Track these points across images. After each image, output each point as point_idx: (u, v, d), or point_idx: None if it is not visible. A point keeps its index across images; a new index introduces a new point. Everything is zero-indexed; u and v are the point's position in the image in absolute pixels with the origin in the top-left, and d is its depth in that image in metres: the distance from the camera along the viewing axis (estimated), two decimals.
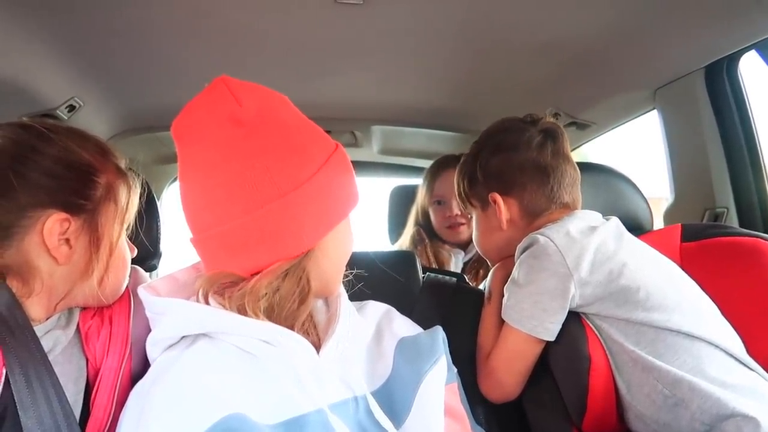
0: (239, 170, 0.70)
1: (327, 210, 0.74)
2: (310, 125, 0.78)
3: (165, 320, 0.74)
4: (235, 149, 0.71)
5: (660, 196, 1.79)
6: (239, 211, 0.70)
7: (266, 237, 0.71)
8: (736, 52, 1.32)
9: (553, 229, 1.04)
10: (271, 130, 0.72)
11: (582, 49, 1.46)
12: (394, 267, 1.27)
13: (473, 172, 1.19)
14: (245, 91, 0.74)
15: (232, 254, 0.72)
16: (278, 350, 0.72)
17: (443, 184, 1.79)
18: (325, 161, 0.74)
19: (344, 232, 0.79)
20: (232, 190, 0.70)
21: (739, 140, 1.42)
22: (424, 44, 1.48)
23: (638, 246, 1.10)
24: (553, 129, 1.16)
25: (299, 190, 0.71)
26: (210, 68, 1.60)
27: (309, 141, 0.75)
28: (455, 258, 1.77)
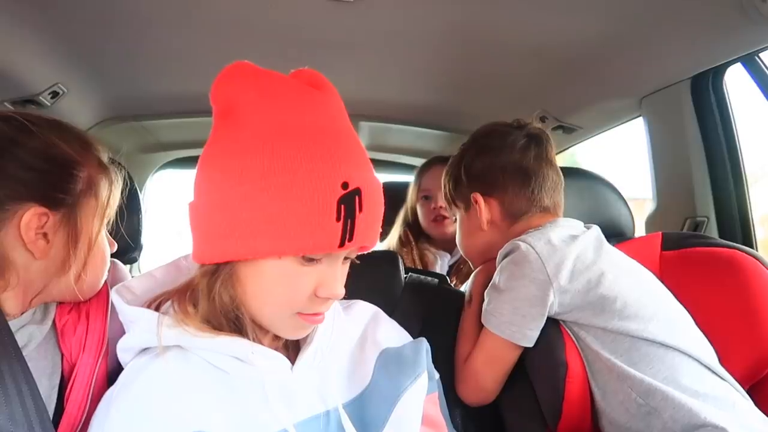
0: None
1: (256, 232, 0.65)
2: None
3: (135, 329, 0.73)
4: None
5: (646, 197, 1.81)
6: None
7: (202, 226, 0.70)
8: (722, 64, 1.33)
9: (534, 236, 1.05)
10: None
11: (571, 54, 1.47)
12: (377, 267, 1.27)
13: (458, 174, 1.20)
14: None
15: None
16: (250, 367, 0.72)
17: (430, 179, 1.81)
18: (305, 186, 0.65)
19: (277, 278, 0.69)
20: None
21: (721, 151, 1.44)
22: (414, 44, 1.47)
23: (617, 256, 1.11)
24: (537, 134, 1.17)
25: (256, 190, 0.65)
26: (198, 59, 1.60)
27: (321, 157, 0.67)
28: (441, 261, 1.79)
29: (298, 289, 0.69)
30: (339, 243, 0.65)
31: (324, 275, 0.70)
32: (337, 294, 0.71)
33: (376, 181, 0.71)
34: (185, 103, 1.82)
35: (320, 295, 0.70)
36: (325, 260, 0.69)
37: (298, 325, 0.73)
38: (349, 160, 0.67)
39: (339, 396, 0.77)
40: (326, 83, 0.74)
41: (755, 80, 1.29)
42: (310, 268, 0.68)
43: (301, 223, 0.63)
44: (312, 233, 0.64)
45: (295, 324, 0.73)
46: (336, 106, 0.73)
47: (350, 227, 0.65)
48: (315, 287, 0.70)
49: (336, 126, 0.70)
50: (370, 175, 0.70)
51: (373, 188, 0.69)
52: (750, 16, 1.08)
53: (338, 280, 0.71)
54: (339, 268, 0.71)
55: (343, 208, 0.64)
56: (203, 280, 0.71)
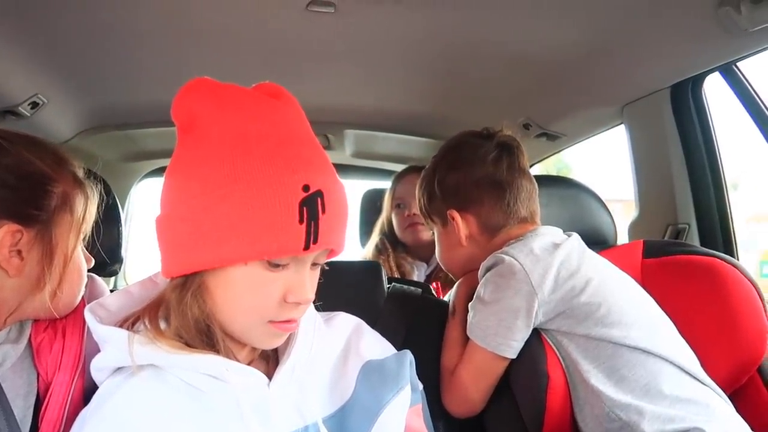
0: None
1: (221, 239, 0.66)
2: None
3: (108, 348, 0.73)
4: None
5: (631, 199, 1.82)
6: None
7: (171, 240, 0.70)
8: (700, 73, 1.35)
9: (516, 248, 1.05)
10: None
11: (554, 62, 1.48)
12: (359, 277, 1.27)
13: (432, 189, 1.19)
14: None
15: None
16: (226, 385, 0.71)
17: (403, 187, 1.83)
18: (276, 193, 0.66)
19: (246, 285, 0.69)
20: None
21: (701, 159, 1.45)
22: (396, 52, 1.47)
23: (599, 262, 1.12)
24: (508, 143, 1.17)
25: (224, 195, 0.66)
26: (180, 68, 1.59)
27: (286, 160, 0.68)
28: (417, 271, 1.79)
29: (267, 295, 0.70)
30: (304, 245, 0.66)
31: (292, 280, 0.70)
32: (307, 298, 0.71)
33: (338, 184, 0.72)
34: (169, 112, 1.80)
35: (290, 301, 0.70)
36: (293, 265, 0.70)
37: (271, 333, 0.73)
38: (310, 165, 0.68)
39: (319, 410, 0.77)
40: (285, 93, 0.75)
41: (733, 89, 1.30)
42: (277, 273, 0.69)
43: (264, 227, 0.65)
44: (276, 237, 0.65)
45: (267, 332, 0.73)
46: (295, 114, 0.74)
47: (314, 229, 0.66)
48: (284, 293, 0.70)
49: (295, 133, 0.71)
50: (332, 178, 0.71)
51: (336, 191, 0.70)
52: (726, 27, 1.09)
53: (307, 284, 0.71)
54: (307, 272, 0.72)
55: (306, 210, 0.65)
56: (173, 294, 0.71)
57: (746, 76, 1.28)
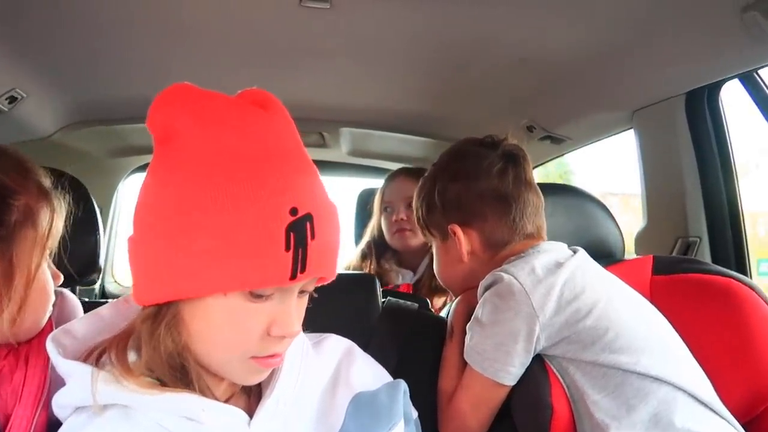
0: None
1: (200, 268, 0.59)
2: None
3: (70, 383, 0.66)
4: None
5: (632, 193, 1.76)
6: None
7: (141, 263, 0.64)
8: (719, 80, 1.27)
9: (517, 266, 0.98)
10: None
11: (561, 64, 1.40)
12: (352, 291, 1.20)
13: (431, 200, 1.11)
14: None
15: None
16: (202, 426, 0.64)
17: (391, 190, 1.77)
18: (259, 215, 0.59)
19: (225, 318, 0.62)
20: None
21: (715, 170, 1.38)
22: (394, 50, 1.40)
23: (607, 281, 1.04)
24: (514, 153, 1.09)
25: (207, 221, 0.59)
26: (168, 63, 1.51)
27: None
28: (402, 279, 1.72)
29: (249, 328, 0.63)
30: (290, 275, 0.59)
31: (277, 312, 0.63)
32: (293, 332, 0.64)
33: (330, 205, 0.65)
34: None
35: (274, 334, 0.63)
36: (278, 295, 0.63)
37: (253, 370, 0.66)
38: (298, 184, 0.61)
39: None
40: (273, 102, 0.67)
41: (753, 98, 1.23)
42: (260, 304, 0.62)
43: (245, 255, 0.58)
44: (258, 266, 0.58)
45: (249, 368, 0.65)
46: (284, 127, 0.66)
47: (302, 257, 0.59)
48: (267, 326, 0.63)
49: (283, 147, 0.63)
50: (323, 198, 0.64)
51: (327, 213, 0.63)
52: (752, 32, 1.01)
53: (293, 316, 0.64)
54: (294, 303, 0.65)
55: (293, 236, 0.59)
56: (145, 324, 0.64)
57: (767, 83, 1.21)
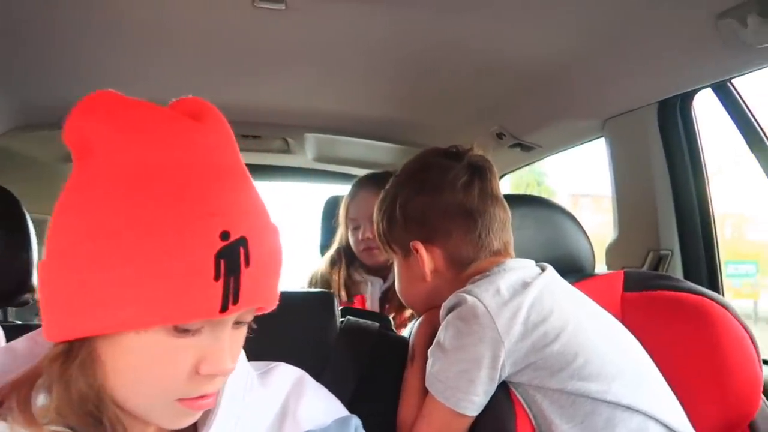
0: None
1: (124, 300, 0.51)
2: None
3: None
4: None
5: (604, 194, 1.71)
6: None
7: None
8: (692, 90, 1.22)
9: (481, 287, 0.92)
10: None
11: (531, 71, 1.35)
12: (307, 310, 1.13)
13: (392, 213, 1.04)
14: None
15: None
16: None
17: (356, 207, 1.67)
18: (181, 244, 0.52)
19: (145, 356, 0.55)
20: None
21: (687, 181, 1.33)
22: (356, 55, 1.33)
23: (577, 301, 0.99)
24: (480, 165, 1.03)
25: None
26: (119, 66, 1.42)
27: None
28: (372, 287, 1.65)
29: (174, 367, 0.55)
30: (220, 307, 0.52)
31: (207, 348, 0.55)
32: (225, 370, 0.57)
33: (269, 228, 0.58)
34: None
35: (203, 373, 0.55)
36: (208, 329, 0.55)
37: (181, 413, 0.58)
38: (232, 204, 0.54)
39: None
40: (209, 112, 0.60)
41: (726, 108, 1.19)
42: (187, 340, 0.54)
43: (167, 285, 0.51)
44: (183, 298, 0.51)
45: (176, 412, 0.57)
46: (219, 139, 0.58)
47: (234, 287, 0.52)
48: (196, 363, 0.55)
49: (216, 163, 0.56)
50: (261, 220, 0.57)
51: (265, 236, 0.56)
52: (727, 41, 0.97)
53: (226, 352, 0.57)
54: (227, 337, 0.57)
55: (223, 263, 0.52)
56: (55, 364, 0.56)
57: (740, 93, 1.17)
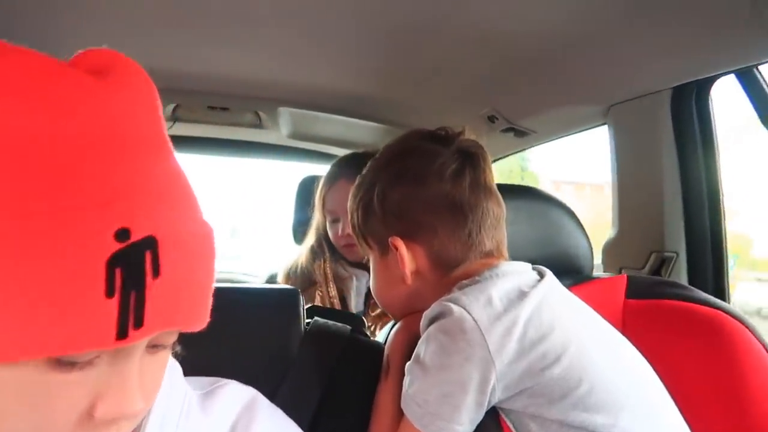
0: None
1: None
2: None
3: None
4: None
5: (605, 182, 1.59)
6: None
7: None
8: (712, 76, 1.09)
9: (470, 296, 0.77)
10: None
11: (530, 50, 1.19)
12: (267, 310, 0.98)
13: (369, 203, 0.89)
14: None
15: None
16: None
17: (333, 198, 1.49)
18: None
19: (15, 396, 0.38)
20: None
21: (699, 178, 1.20)
22: (336, 23, 1.16)
23: (581, 315, 0.85)
24: (472, 152, 0.88)
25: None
26: (74, 30, 1.24)
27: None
28: (358, 281, 1.49)
29: (56, 411, 0.39)
30: (116, 333, 0.37)
31: (104, 384, 0.40)
32: (130, 412, 0.41)
33: (195, 222, 0.43)
34: None
35: (100, 417, 0.40)
36: (106, 359, 0.40)
37: None
38: (137, 190, 0.39)
39: None
40: (120, 67, 0.44)
41: (749, 96, 1.05)
42: (74, 375, 0.39)
43: (40, 304, 0.35)
44: (61, 321, 0.35)
45: None
46: (128, 102, 0.42)
47: (135, 305, 0.37)
48: (89, 405, 0.40)
49: (120, 133, 0.40)
50: (182, 212, 0.42)
51: (187, 235, 0.41)
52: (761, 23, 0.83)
53: (131, 389, 0.41)
54: (134, 369, 0.42)
55: (119, 273, 0.36)
56: None
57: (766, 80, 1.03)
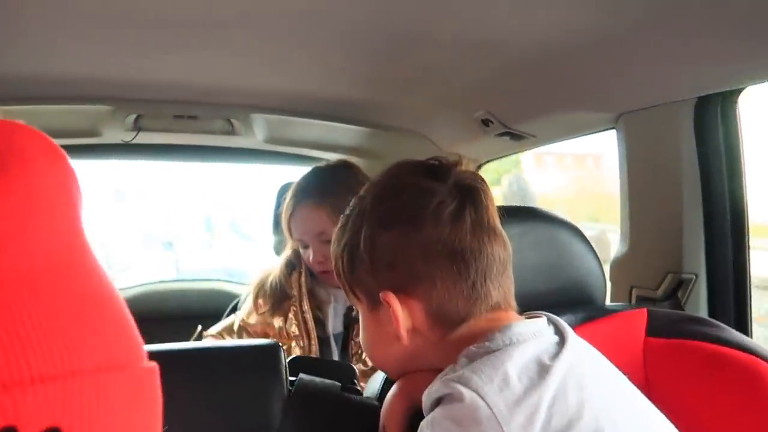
0: None
1: None
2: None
3: None
4: None
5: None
6: None
7: None
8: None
9: (483, 374, 0.65)
10: None
11: (532, 53, 1.06)
12: (245, 369, 0.85)
13: (355, 249, 0.76)
14: None
15: None
16: None
17: (298, 226, 1.33)
18: None
19: None
20: None
21: (722, 192, 1.08)
22: (318, 28, 1.01)
23: (609, 387, 0.73)
24: (472, 186, 0.74)
25: None
26: (51, 36, 1.09)
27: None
28: (335, 302, 1.36)
29: None
30: None
31: None
32: None
33: (114, 380, 0.31)
34: (39, 88, 1.37)
35: None
36: None
37: None
38: (17, 359, 0.27)
39: None
40: (20, 154, 0.30)
41: None
42: None
43: None
44: None
45: None
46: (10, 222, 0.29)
47: None
48: None
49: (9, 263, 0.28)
50: (96, 366, 0.30)
51: (104, 407, 0.30)
52: None
53: None
54: None
55: None
56: None
57: None
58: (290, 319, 1.37)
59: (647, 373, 0.91)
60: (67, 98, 1.45)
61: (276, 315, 1.38)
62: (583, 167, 4.69)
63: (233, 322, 1.45)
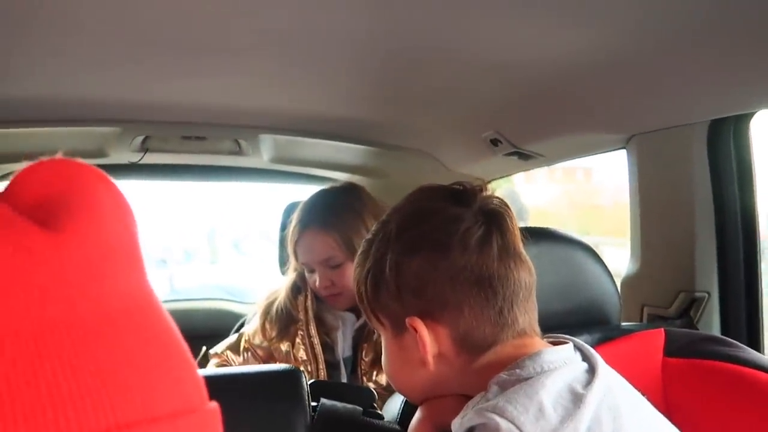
0: None
1: None
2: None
3: None
4: None
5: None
6: None
7: None
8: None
9: (517, 403, 0.65)
10: None
11: (541, 76, 1.07)
12: (267, 396, 0.85)
13: (380, 275, 0.76)
14: None
15: None
16: None
17: (304, 250, 1.32)
18: None
19: None
20: None
21: (734, 212, 1.09)
22: (329, 51, 1.02)
23: (640, 414, 0.74)
24: (497, 211, 0.74)
25: None
26: (32, 62, 1.09)
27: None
28: (343, 326, 1.35)
29: None
30: None
31: None
32: None
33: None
34: (49, 110, 1.38)
35: None
36: None
37: None
38: None
39: None
40: (79, 216, 0.30)
41: None
42: None
43: None
44: None
45: None
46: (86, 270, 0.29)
47: None
48: None
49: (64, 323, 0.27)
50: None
51: None
52: None
53: None
54: None
55: None
56: None
57: None
58: (297, 343, 1.36)
59: (666, 393, 0.91)
60: (77, 120, 1.45)
61: (283, 340, 1.37)
62: (573, 180, 4.70)
63: (239, 341, 1.44)
